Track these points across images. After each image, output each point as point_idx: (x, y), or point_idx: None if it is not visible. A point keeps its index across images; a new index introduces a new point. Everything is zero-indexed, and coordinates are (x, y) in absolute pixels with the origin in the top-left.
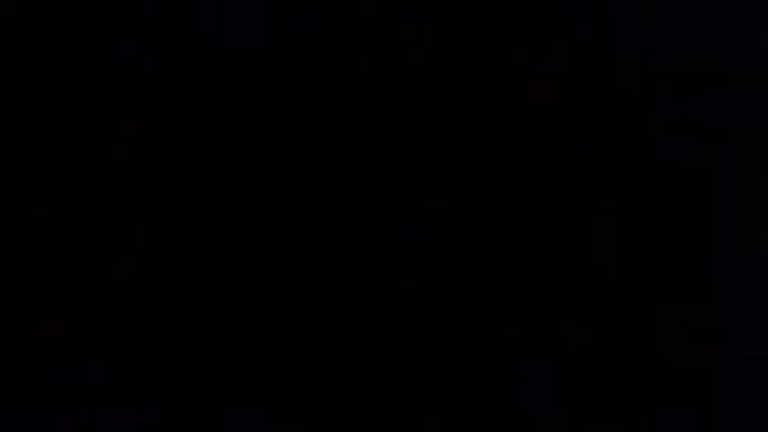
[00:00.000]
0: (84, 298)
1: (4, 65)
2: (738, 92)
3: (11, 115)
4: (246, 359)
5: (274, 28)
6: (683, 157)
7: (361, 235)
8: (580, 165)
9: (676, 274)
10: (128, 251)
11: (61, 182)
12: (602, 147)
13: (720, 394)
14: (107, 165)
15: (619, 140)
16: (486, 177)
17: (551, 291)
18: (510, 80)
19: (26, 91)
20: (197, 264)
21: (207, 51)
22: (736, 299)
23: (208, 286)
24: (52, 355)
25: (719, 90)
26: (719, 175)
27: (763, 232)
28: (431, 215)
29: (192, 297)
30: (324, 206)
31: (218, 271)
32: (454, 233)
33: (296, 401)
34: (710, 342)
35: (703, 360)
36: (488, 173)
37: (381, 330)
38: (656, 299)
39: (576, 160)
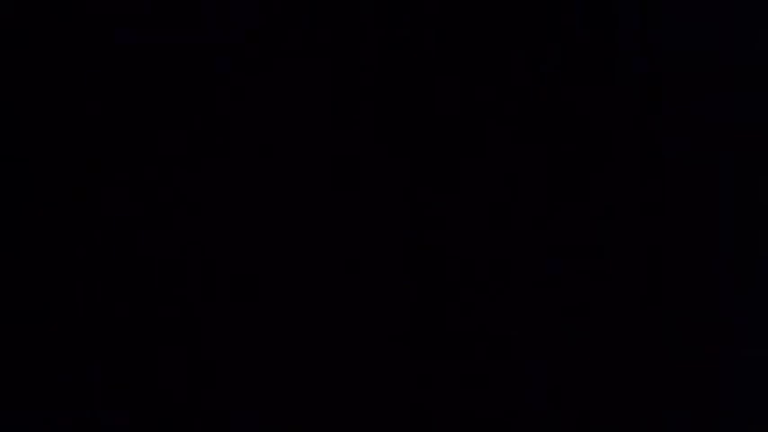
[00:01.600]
0: (85, 298)
1: (4, 65)
2: (738, 92)
3: (11, 115)
4: (247, 359)
5: (274, 28)
6: (683, 157)
7: (361, 235)
8: (580, 165)
9: (676, 274)
10: (128, 251)
11: (61, 182)
12: (602, 146)
13: (720, 394)
14: (107, 165)
15: (619, 140)
16: (486, 177)
17: (551, 291)
18: (510, 80)
19: (26, 91)
20: (197, 263)
21: (207, 51)
22: (736, 299)
23: (208, 286)
24: (52, 355)
25: (719, 90)
26: (719, 175)
27: (764, 232)
28: (431, 215)
29: (193, 297)
30: (323, 206)
31: (218, 271)
32: (454, 233)
33: (296, 401)
34: (710, 342)
35: (703, 360)
36: (488, 173)
37: (381, 330)
38: (656, 299)
39: (576, 160)
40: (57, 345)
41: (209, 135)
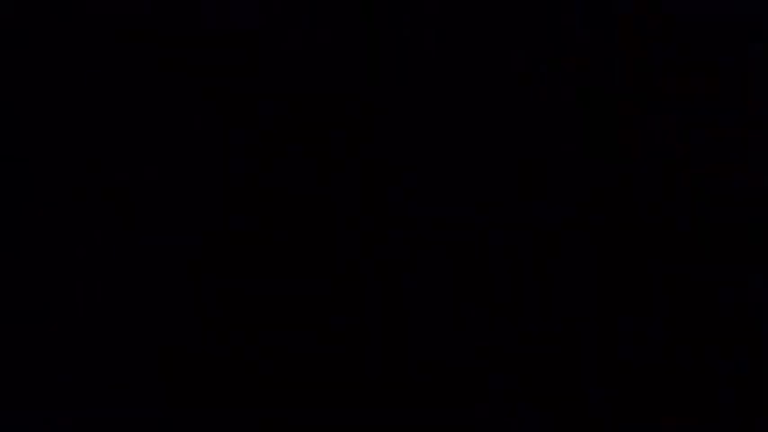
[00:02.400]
0: (85, 298)
1: (4, 65)
2: None
3: (11, 115)
4: (246, 358)
5: (274, 28)
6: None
7: (360, 234)
8: (580, 165)
9: (677, 274)
10: (128, 251)
11: (61, 182)
12: (601, 147)
13: (720, 394)
14: (107, 165)
15: (619, 140)
16: (485, 178)
17: (552, 290)
18: (510, 80)
19: (26, 91)
20: (197, 262)
21: (207, 51)
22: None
23: (208, 285)
24: (52, 355)
25: None
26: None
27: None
28: (432, 215)
29: (192, 296)
30: (322, 206)
31: (219, 270)
32: (454, 233)
33: (294, 401)
34: (710, 342)
35: (703, 360)
36: (488, 173)
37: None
38: (656, 299)
39: (576, 160)
40: (57, 345)
41: (209, 135)
